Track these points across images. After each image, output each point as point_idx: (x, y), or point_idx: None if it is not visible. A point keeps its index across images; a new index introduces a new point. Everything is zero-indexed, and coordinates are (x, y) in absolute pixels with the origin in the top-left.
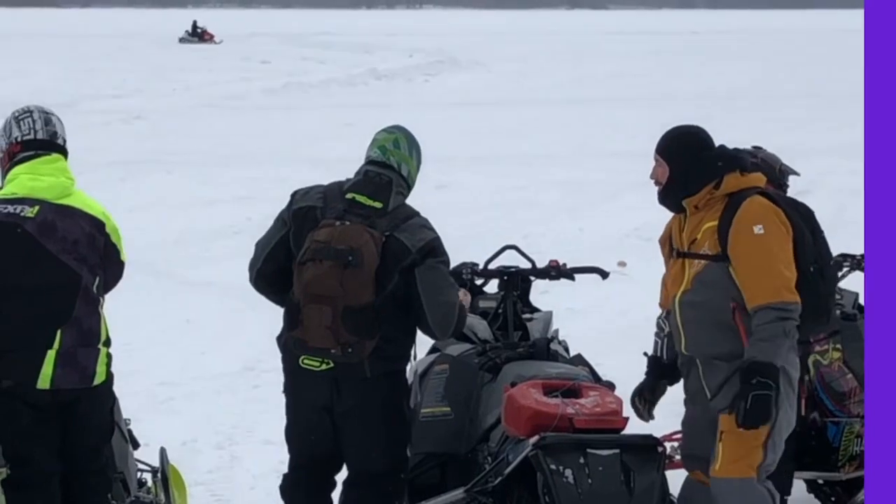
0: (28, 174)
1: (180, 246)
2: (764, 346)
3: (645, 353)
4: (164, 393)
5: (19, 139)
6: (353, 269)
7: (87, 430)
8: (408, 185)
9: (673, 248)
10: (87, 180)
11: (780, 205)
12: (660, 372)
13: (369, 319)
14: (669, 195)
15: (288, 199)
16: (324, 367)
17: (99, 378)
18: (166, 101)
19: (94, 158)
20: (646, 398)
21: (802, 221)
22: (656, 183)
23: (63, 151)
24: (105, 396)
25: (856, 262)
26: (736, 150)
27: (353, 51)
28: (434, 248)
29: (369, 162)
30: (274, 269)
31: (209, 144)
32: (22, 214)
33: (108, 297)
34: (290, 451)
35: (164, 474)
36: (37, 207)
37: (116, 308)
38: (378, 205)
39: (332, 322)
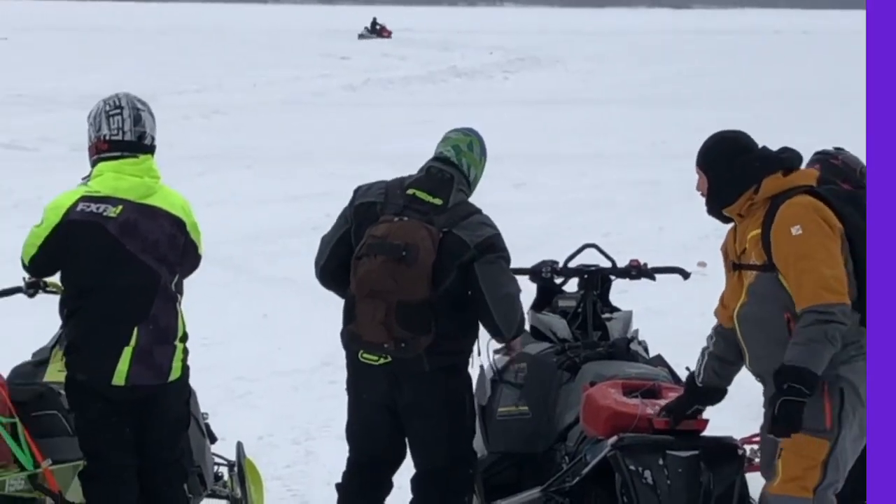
0: (113, 172)
1: (258, 241)
2: (799, 349)
3: (687, 368)
4: (241, 387)
5: (107, 137)
6: (408, 264)
7: (162, 423)
8: (469, 186)
9: (730, 259)
10: (165, 175)
11: (828, 201)
12: (696, 396)
13: (424, 315)
14: (712, 206)
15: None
16: (382, 361)
17: (174, 374)
18: (246, 97)
19: (172, 153)
20: (675, 419)
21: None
22: (702, 195)
23: (151, 150)
24: (181, 390)
25: None
26: (783, 149)
27: (433, 48)
28: (493, 244)
29: (435, 159)
30: (337, 265)
31: (288, 140)
32: (104, 214)
33: (185, 291)
34: (351, 449)
35: (241, 468)
36: (120, 207)
37: (194, 303)
38: (438, 201)
39: (386, 317)
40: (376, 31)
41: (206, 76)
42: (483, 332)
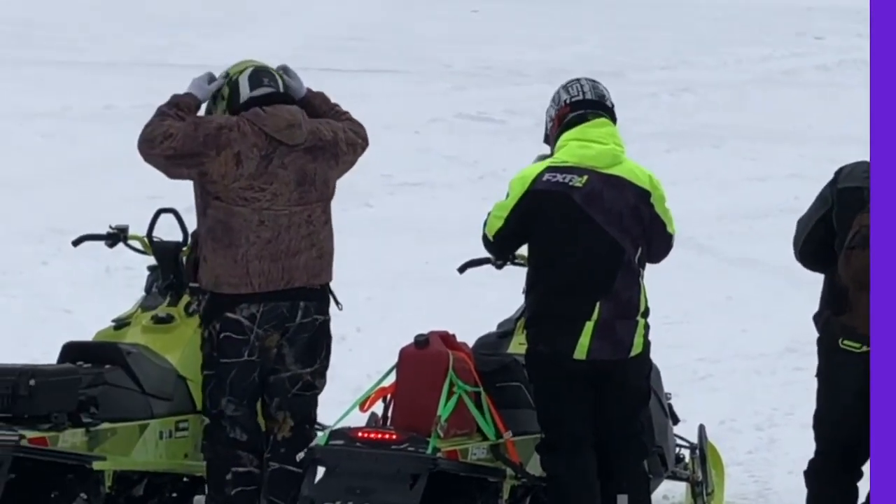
0: (578, 141)
1: (724, 222)
2: None
3: None
4: (702, 369)
5: (567, 101)
6: None
7: (622, 397)
8: None
9: None
10: (630, 151)
11: None
12: None
13: None
14: None
15: (832, 176)
16: (865, 349)
17: (636, 349)
18: (715, 74)
19: (638, 129)
20: None
21: None
22: None
23: (611, 115)
24: (641, 365)
25: None
26: None
27: None
28: None
29: None
30: (815, 248)
31: (758, 120)
32: (570, 184)
33: (648, 267)
34: (819, 437)
35: (703, 452)
36: (585, 177)
37: (656, 280)
38: None
39: None
40: None
41: (675, 52)
42: None
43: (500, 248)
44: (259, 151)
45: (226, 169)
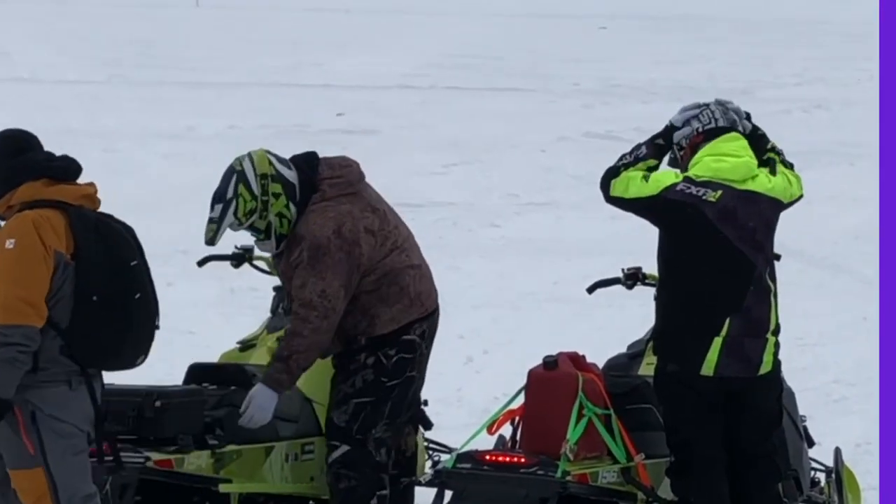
0: (711, 156)
1: (860, 241)
2: None
3: None
4: (837, 392)
5: (700, 130)
6: None
7: (752, 417)
8: None
9: None
10: None
11: (72, 224)
12: None
13: None
14: None
15: None
16: None
17: (765, 368)
18: (849, 91)
19: None
20: None
21: (128, 245)
22: None
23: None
24: (772, 384)
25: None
26: (61, 157)
27: None
28: None
29: None
30: None
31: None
32: (703, 198)
33: (782, 289)
34: None
35: (839, 475)
36: (719, 192)
37: (790, 300)
38: None
39: None
40: None
41: (808, 69)
42: None
43: (608, 200)
44: (365, 210)
45: (368, 244)
